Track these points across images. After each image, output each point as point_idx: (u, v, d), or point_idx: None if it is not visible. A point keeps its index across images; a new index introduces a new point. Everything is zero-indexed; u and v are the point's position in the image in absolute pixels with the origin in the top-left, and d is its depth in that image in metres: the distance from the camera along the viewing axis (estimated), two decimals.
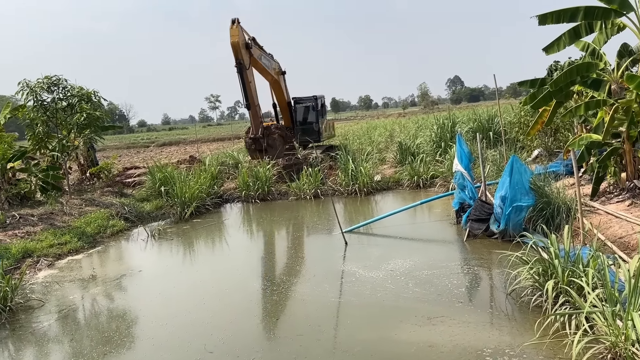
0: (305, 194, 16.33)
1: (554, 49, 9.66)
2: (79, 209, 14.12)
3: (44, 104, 16.88)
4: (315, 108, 20.99)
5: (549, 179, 10.12)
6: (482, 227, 9.67)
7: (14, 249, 10.40)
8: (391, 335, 6.04)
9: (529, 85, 10.91)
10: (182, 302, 8.01)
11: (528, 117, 15.78)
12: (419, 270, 8.17)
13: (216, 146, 38.55)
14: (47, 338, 6.93)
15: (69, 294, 8.63)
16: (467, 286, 7.47)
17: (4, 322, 7.49)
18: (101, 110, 18.38)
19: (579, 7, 8.92)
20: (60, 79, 17.13)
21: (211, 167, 17.79)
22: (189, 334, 6.69)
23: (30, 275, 9.70)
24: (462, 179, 10.64)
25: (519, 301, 6.57)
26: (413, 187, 16.13)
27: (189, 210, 14.55)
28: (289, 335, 6.32)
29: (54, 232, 11.88)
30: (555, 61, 18.96)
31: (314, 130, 20.81)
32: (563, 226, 8.27)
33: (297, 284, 8.27)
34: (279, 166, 18.20)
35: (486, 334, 5.79)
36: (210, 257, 10.99)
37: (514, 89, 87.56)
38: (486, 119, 20.19)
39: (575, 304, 5.59)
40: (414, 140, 19.62)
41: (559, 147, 14.87)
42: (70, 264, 10.56)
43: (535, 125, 11.78)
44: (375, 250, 9.89)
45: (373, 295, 7.33)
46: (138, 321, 7.33)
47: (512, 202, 9.03)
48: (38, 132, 17.06)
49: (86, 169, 18.65)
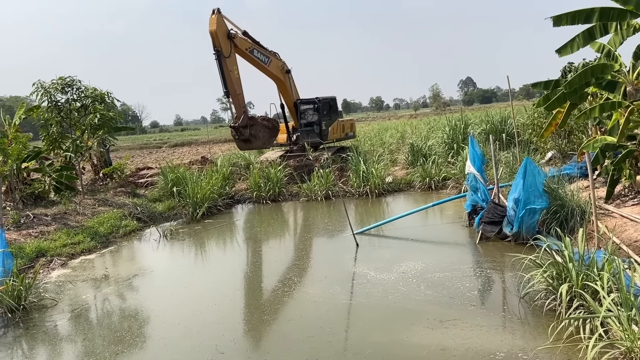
0: (316, 195, 16.32)
1: (568, 51, 9.56)
2: (92, 209, 14.23)
3: (58, 104, 17.03)
4: (316, 110, 20.77)
5: (563, 182, 10.03)
6: (495, 230, 9.60)
7: (28, 249, 10.51)
8: (402, 338, 6.01)
9: (543, 87, 10.80)
10: (194, 303, 8.04)
11: (541, 119, 15.63)
12: (431, 273, 8.12)
13: (228, 147, 38.63)
14: (60, 337, 6.99)
15: (81, 294, 8.70)
16: (479, 289, 7.42)
17: (17, 321, 7.57)
18: (114, 111, 18.53)
19: (594, 8, 8.82)
20: (74, 80, 17.28)
21: (223, 168, 17.84)
22: (201, 334, 6.71)
23: (43, 275, 9.79)
24: (474, 181, 10.57)
25: (532, 305, 6.50)
26: (425, 189, 16.06)
27: (200, 210, 14.62)
28: (300, 336, 6.31)
29: (67, 232, 11.98)
30: (569, 62, 18.81)
31: (315, 132, 20.61)
32: (577, 229, 8.18)
33: (308, 285, 8.26)
34: (290, 167, 18.22)
35: (499, 338, 5.74)
36: (221, 258, 11.02)
37: (526, 91, 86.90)
38: (499, 121, 20.03)
39: (589, 308, 5.52)
40: (425, 142, 19.52)
41: (573, 149, 14.72)
42: (83, 264, 10.64)
43: (549, 127, 11.66)
44: (386, 252, 9.86)
45: (384, 297, 7.30)
46: (150, 321, 7.37)
47: (526, 204, 8.95)
48: (52, 132, 17.23)
49: (99, 169, 18.78)
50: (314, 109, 20.82)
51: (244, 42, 18.59)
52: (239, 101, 18.15)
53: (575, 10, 8.94)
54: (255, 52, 19.09)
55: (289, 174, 17.99)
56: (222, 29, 17.50)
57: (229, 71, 17.61)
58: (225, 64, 17.44)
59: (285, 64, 20.76)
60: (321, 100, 20.85)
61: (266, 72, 20.12)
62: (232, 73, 17.71)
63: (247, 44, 18.69)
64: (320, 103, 20.73)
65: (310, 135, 20.67)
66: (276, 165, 17.89)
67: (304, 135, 20.80)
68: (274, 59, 20.13)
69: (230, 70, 17.61)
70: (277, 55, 20.43)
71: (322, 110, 20.72)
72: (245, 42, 18.70)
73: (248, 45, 18.72)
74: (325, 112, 20.97)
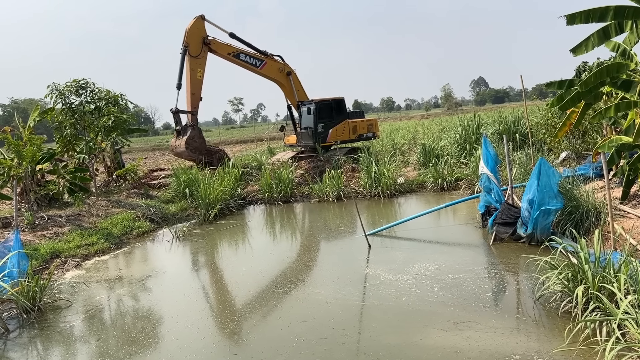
0: (328, 196, 16.30)
1: (582, 50, 9.44)
2: (106, 210, 14.33)
3: (72, 106, 17.21)
4: (311, 112, 20.53)
5: (578, 182, 9.92)
6: (509, 231, 9.53)
7: (42, 250, 10.61)
8: (416, 340, 5.98)
9: (557, 87, 10.68)
10: (207, 303, 8.07)
11: (555, 119, 15.50)
12: (445, 274, 8.07)
13: (239, 148, 38.76)
14: (74, 338, 7.04)
15: (95, 294, 8.76)
16: (493, 291, 7.36)
17: (32, 322, 7.64)
18: (127, 113, 18.70)
19: (609, 6, 8.72)
20: (88, 83, 17.46)
21: (234, 169, 17.90)
22: (214, 335, 6.73)
23: (58, 276, 9.88)
24: (488, 182, 10.49)
25: (548, 307, 6.44)
26: (437, 190, 15.98)
27: (213, 212, 14.67)
28: (313, 338, 6.30)
29: (81, 233, 12.08)
30: (583, 62, 18.60)
31: (308, 135, 20.47)
32: (592, 230, 8.10)
33: (320, 286, 8.24)
34: (301, 168, 18.22)
35: (514, 340, 5.68)
36: (234, 259, 11.04)
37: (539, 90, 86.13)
38: (512, 121, 19.86)
39: (606, 311, 5.45)
40: (437, 142, 19.42)
41: (587, 150, 14.57)
42: (97, 265, 10.72)
43: (563, 127, 11.53)
44: (399, 254, 9.81)
45: (398, 299, 7.26)
46: (163, 322, 7.40)
47: (540, 205, 8.86)
48: (66, 134, 17.41)
49: (113, 170, 18.93)
50: (307, 112, 20.64)
51: (224, 48, 19.09)
52: (191, 101, 18.41)
53: (589, 8, 8.85)
54: (242, 56, 19.43)
55: (300, 175, 18.00)
56: (197, 31, 18.48)
57: (191, 69, 18.35)
58: (189, 61, 18.27)
59: (287, 66, 20.71)
60: (317, 103, 20.58)
61: (262, 75, 20.30)
62: (194, 72, 18.49)
63: (229, 48, 19.10)
64: (314, 105, 20.49)
65: (308, 137, 20.53)
66: (287, 166, 17.90)
67: (303, 137, 20.77)
68: (270, 61, 20.12)
69: (192, 69, 18.36)
70: (275, 57, 20.41)
71: (318, 113, 20.44)
72: (226, 47, 19.09)
73: (231, 50, 19.10)
74: (324, 114, 20.62)
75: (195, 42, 18.34)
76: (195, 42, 18.34)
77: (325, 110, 20.77)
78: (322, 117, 20.55)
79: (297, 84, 21.13)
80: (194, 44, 18.29)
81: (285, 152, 22.05)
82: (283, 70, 20.60)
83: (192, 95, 18.41)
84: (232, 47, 19.28)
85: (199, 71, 18.44)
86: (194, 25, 18.50)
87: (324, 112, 20.65)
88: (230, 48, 19.22)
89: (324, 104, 20.80)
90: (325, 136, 20.63)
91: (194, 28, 18.48)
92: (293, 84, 20.89)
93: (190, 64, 18.30)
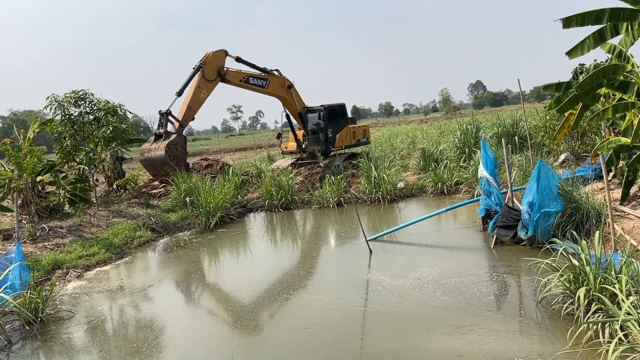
0: (328, 202, 16.32)
1: (578, 53, 9.49)
2: (107, 221, 14.34)
3: (72, 117, 17.25)
4: (321, 117, 20.77)
5: (577, 184, 9.94)
6: (510, 234, 9.54)
7: (44, 261, 10.60)
8: (419, 345, 5.98)
9: (554, 89, 10.72)
10: (209, 312, 8.07)
11: (554, 121, 15.54)
12: (447, 278, 8.08)
13: (239, 156, 38.83)
14: (77, 349, 7.04)
15: (97, 305, 8.75)
16: (496, 294, 7.36)
17: (35, 333, 7.64)
18: (127, 123, 18.71)
19: (604, 9, 8.77)
20: (87, 93, 17.51)
21: (234, 177, 17.92)
22: (217, 343, 6.72)
23: (60, 287, 9.87)
24: (487, 185, 10.51)
25: (550, 309, 6.45)
26: (437, 194, 15.99)
27: (213, 220, 14.67)
28: (316, 344, 6.29)
29: (82, 244, 12.08)
30: (580, 64, 18.64)
31: (321, 140, 20.67)
32: (593, 232, 8.11)
33: (323, 292, 8.24)
34: (301, 175, 18.24)
35: (516, 343, 5.68)
36: (235, 267, 11.04)
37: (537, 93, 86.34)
38: (510, 124, 19.94)
39: (608, 312, 5.46)
40: (437, 147, 19.46)
41: (586, 151, 14.60)
42: (98, 275, 10.71)
43: (562, 129, 11.57)
44: (400, 258, 9.82)
45: (400, 304, 7.27)
46: (166, 331, 7.40)
47: (540, 207, 8.88)
48: (66, 145, 17.43)
49: (113, 180, 18.93)
50: (319, 117, 20.87)
51: (236, 75, 19.42)
52: (185, 112, 18.37)
53: (585, 11, 8.90)
54: (251, 79, 19.73)
55: (300, 181, 18.01)
56: (216, 60, 18.81)
57: (198, 87, 18.37)
58: (198, 78, 18.35)
59: (286, 80, 20.82)
60: (326, 108, 20.85)
61: (267, 94, 20.56)
62: (199, 90, 18.48)
63: (240, 75, 19.43)
64: (325, 111, 20.75)
65: (316, 143, 20.73)
66: (287, 173, 17.92)
67: (311, 143, 20.88)
68: (273, 79, 20.27)
69: (198, 87, 18.38)
70: (276, 73, 20.53)
71: (328, 118, 20.70)
72: (238, 74, 19.40)
73: (242, 76, 19.45)
74: (332, 119, 20.97)
75: (211, 68, 18.53)
76: (211, 68, 18.53)
77: (333, 115, 21.12)
78: (330, 122, 20.90)
79: (298, 96, 21.25)
80: (210, 69, 18.47)
81: (285, 159, 22.09)
82: (284, 84, 20.71)
83: (189, 108, 18.36)
84: (242, 72, 19.49)
85: (203, 92, 18.50)
86: (216, 54, 18.80)
87: (332, 117, 21.02)
88: (241, 74, 19.45)
89: (332, 109, 21.08)
90: (334, 141, 20.84)
91: (215, 57, 18.75)
92: (294, 96, 20.99)
93: (198, 81, 18.24)
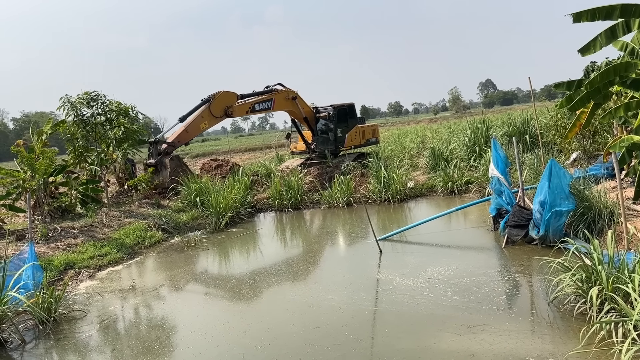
0: (338, 202, 16.32)
1: (590, 50, 9.41)
2: (118, 221, 14.44)
3: (84, 118, 17.41)
4: (330, 118, 20.76)
5: (589, 183, 9.86)
6: (521, 233, 9.48)
7: (56, 261, 10.71)
8: (430, 345, 5.97)
9: (565, 88, 10.64)
10: (220, 312, 8.10)
11: (565, 120, 15.43)
12: (458, 278, 8.05)
13: (248, 156, 38.97)
14: (89, 348, 7.10)
15: (109, 305, 8.82)
16: (507, 294, 7.33)
17: (48, 333, 7.71)
18: (138, 124, 18.84)
19: (615, 5, 8.69)
20: (99, 95, 17.69)
21: (244, 177, 17.97)
22: (228, 343, 6.75)
23: (72, 287, 9.96)
24: (498, 184, 10.45)
25: (562, 309, 6.40)
26: (447, 194, 15.93)
27: (223, 220, 14.73)
28: (327, 344, 6.30)
29: (94, 244, 12.18)
30: (592, 62, 18.55)
31: (330, 140, 20.70)
32: (605, 231, 8.05)
33: (333, 292, 8.24)
34: (310, 175, 18.26)
35: (528, 343, 5.65)
36: (245, 267, 11.07)
37: (548, 91, 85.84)
38: (521, 123, 19.79)
39: (621, 312, 5.42)
40: (446, 146, 19.38)
41: (598, 150, 14.48)
42: (110, 275, 10.80)
43: (573, 128, 11.48)
44: (411, 258, 9.80)
45: (411, 303, 7.25)
46: (177, 331, 7.44)
47: (552, 207, 8.82)
48: (78, 146, 17.59)
49: (124, 181, 19.06)
50: (328, 117, 20.88)
51: (242, 109, 19.59)
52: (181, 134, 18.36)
53: (595, 7, 8.83)
54: (257, 106, 19.96)
55: (309, 181, 18.04)
56: (225, 100, 18.82)
57: (201, 116, 18.38)
58: (205, 110, 18.36)
59: (290, 91, 20.76)
60: (336, 108, 20.86)
61: (275, 111, 20.75)
62: (201, 120, 18.46)
63: (246, 107, 19.75)
64: (334, 111, 20.76)
65: (326, 143, 20.74)
66: (297, 173, 17.95)
67: (320, 143, 20.90)
68: (277, 96, 20.25)
69: (202, 117, 18.39)
70: (279, 87, 20.52)
71: (337, 118, 20.71)
72: (243, 107, 19.70)
73: (247, 107, 19.72)
74: (341, 119, 20.96)
75: (220, 105, 18.59)
76: (220, 105, 18.59)
77: (342, 115, 21.14)
78: (340, 122, 20.90)
79: (303, 103, 21.19)
80: (218, 106, 18.54)
81: (294, 159, 22.12)
82: (288, 97, 20.64)
83: (185, 132, 18.36)
84: (247, 103, 19.59)
85: (205, 123, 18.63)
86: (227, 95, 18.86)
87: (341, 117, 21.03)
88: (247, 105, 19.56)
89: (342, 109, 21.09)
90: (343, 141, 20.85)
91: (226, 96, 18.81)
92: (299, 106, 20.94)
93: (203, 112, 18.30)
